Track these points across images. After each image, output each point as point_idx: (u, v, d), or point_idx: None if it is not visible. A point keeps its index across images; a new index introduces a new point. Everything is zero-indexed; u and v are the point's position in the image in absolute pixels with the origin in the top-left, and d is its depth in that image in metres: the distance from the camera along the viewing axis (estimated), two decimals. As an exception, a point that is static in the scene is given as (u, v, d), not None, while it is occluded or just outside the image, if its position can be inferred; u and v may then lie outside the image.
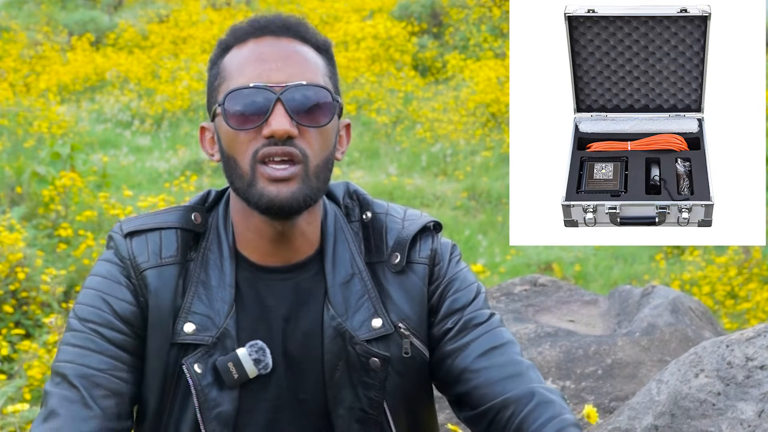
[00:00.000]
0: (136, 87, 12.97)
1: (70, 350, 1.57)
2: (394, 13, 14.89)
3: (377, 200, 1.73)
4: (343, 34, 13.97)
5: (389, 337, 1.62)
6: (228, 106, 1.53)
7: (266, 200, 1.52)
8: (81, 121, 11.84)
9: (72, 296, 5.33)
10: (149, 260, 1.59)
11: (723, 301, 6.65)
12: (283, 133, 1.50)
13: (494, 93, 11.78)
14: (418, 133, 11.55)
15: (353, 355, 1.60)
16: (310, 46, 1.59)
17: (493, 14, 14.54)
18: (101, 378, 1.55)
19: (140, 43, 15.15)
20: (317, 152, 1.54)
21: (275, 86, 1.52)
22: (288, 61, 1.55)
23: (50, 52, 14.37)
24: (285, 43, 1.57)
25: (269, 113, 1.51)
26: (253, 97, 1.52)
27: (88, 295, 1.60)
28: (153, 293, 1.58)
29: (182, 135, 11.54)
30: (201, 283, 1.60)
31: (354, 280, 1.63)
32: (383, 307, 1.63)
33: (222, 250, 1.62)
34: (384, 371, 1.61)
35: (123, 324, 1.57)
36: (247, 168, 1.53)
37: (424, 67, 14.01)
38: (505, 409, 1.58)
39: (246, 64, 1.55)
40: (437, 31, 14.73)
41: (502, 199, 9.46)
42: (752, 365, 2.00)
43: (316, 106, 1.54)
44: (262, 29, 1.58)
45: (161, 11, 16.16)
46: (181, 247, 1.61)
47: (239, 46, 1.59)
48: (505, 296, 3.54)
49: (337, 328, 1.60)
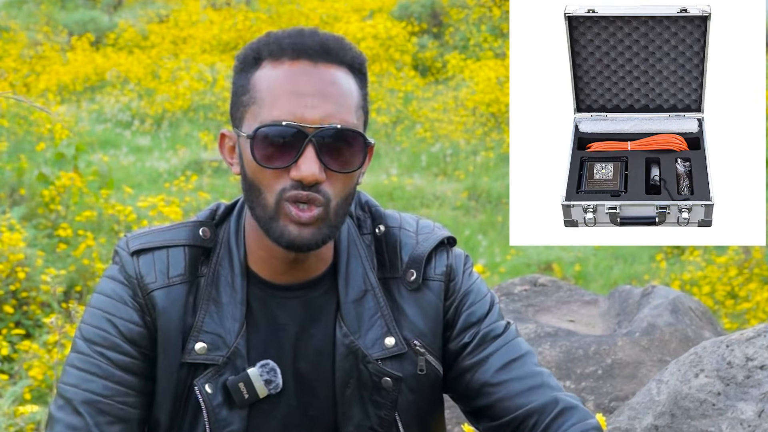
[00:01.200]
0: (136, 87, 12.98)
1: (75, 373, 1.56)
2: (394, 13, 14.89)
3: (389, 212, 1.71)
4: (343, 34, 13.96)
5: (403, 356, 1.61)
6: (258, 140, 1.49)
7: (287, 240, 1.51)
8: (81, 121, 11.84)
9: (72, 296, 5.34)
10: (157, 280, 1.57)
11: (723, 301, 6.65)
12: (312, 180, 1.47)
13: (494, 93, 11.79)
14: (418, 133, 11.55)
15: (365, 374, 1.59)
16: (346, 69, 1.54)
17: (493, 14, 14.54)
18: (106, 405, 1.54)
19: (140, 43, 15.16)
20: (340, 193, 1.52)
21: (308, 127, 1.47)
22: (323, 97, 1.49)
23: (50, 52, 14.37)
24: (322, 71, 1.51)
25: (299, 155, 1.48)
26: (284, 134, 1.48)
27: (94, 315, 1.58)
28: (161, 313, 1.56)
29: (182, 135, 11.54)
30: (212, 301, 1.58)
31: (367, 297, 1.61)
32: (396, 324, 1.61)
33: (233, 266, 1.60)
34: (396, 391, 1.60)
35: (130, 346, 1.56)
36: (272, 202, 1.50)
37: (424, 67, 14.01)
38: (529, 419, 1.57)
39: (281, 94, 1.50)
40: (437, 31, 14.73)
41: (502, 199, 9.46)
42: (752, 365, 2.00)
43: (347, 152, 1.51)
44: (299, 51, 1.51)
45: (161, 11, 16.16)
46: (189, 265, 1.59)
47: (274, 65, 1.52)
48: (505, 296, 3.54)
49: (350, 347, 1.59)
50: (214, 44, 14.68)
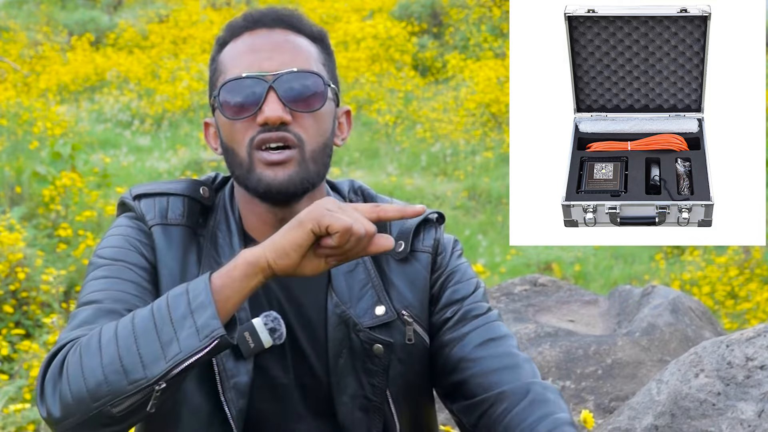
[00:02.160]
0: (136, 87, 12.98)
1: (100, 282, 1.54)
2: (394, 13, 14.89)
3: (381, 195, 1.76)
4: (343, 34, 13.98)
5: (392, 324, 1.64)
6: (223, 97, 1.58)
7: (264, 184, 1.56)
8: (81, 121, 11.84)
9: (72, 296, 5.34)
10: (155, 218, 1.62)
11: (723, 301, 6.65)
12: (276, 119, 1.54)
13: (494, 93, 11.79)
14: (418, 133, 11.55)
15: (357, 342, 1.61)
16: (303, 36, 1.63)
17: (493, 14, 14.54)
18: (137, 304, 1.51)
19: (140, 43, 15.16)
20: (313, 137, 1.58)
21: (267, 75, 1.56)
22: (280, 50, 1.59)
23: (50, 52, 14.38)
24: (278, 33, 1.62)
25: (262, 101, 1.55)
26: (246, 86, 1.56)
27: (111, 239, 1.61)
28: (160, 250, 1.60)
29: (182, 135, 11.54)
30: (212, 258, 1.61)
31: (358, 268, 1.65)
32: (387, 294, 1.64)
33: (230, 228, 1.64)
34: (387, 357, 1.62)
35: (149, 264, 1.58)
36: (245, 155, 1.57)
37: (424, 67, 14.02)
38: (499, 403, 1.59)
39: (239, 55, 1.60)
40: (437, 31, 14.74)
41: (502, 199, 9.47)
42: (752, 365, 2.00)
43: (308, 91, 1.58)
44: (256, 22, 1.63)
45: (161, 11, 16.17)
46: (187, 212, 1.64)
47: (234, 41, 1.63)
48: (505, 296, 3.54)
49: (341, 316, 1.61)
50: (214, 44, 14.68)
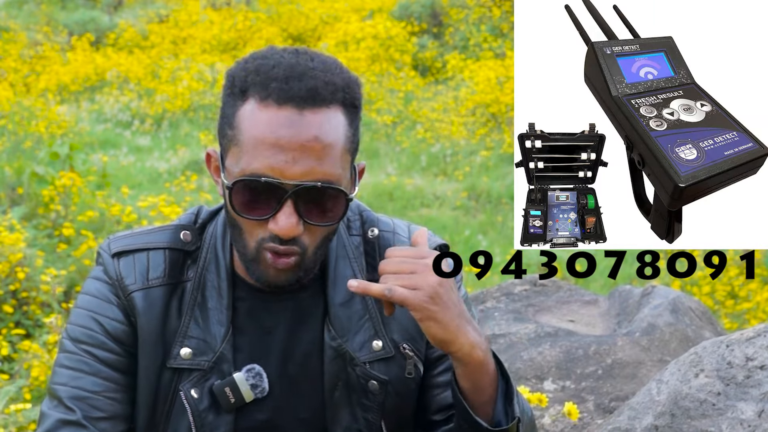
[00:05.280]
0: (136, 87, 12.98)
1: (64, 372, 1.57)
2: (394, 13, 14.89)
3: (381, 216, 1.71)
4: (343, 34, 13.98)
5: (390, 359, 1.62)
6: (236, 191, 1.48)
7: (264, 281, 1.54)
8: (81, 121, 11.84)
9: (72, 296, 5.34)
10: (136, 282, 1.58)
11: (723, 301, 6.65)
12: (289, 236, 1.48)
13: (494, 93, 11.79)
14: (418, 133, 11.55)
15: (353, 377, 1.60)
16: (336, 108, 1.48)
17: (493, 14, 14.54)
18: (96, 400, 1.55)
19: (140, 43, 15.16)
20: (316, 241, 1.53)
21: (288, 183, 1.45)
22: (306, 151, 1.45)
23: (50, 52, 14.37)
24: (308, 119, 1.45)
25: (278, 209, 1.47)
26: (264, 189, 1.46)
27: (80, 315, 1.60)
28: (140, 315, 1.58)
29: (182, 135, 11.54)
30: (198, 306, 1.59)
31: (355, 299, 1.62)
32: (384, 327, 1.63)
33: (219, 271, 1.61)
34: (382, 394, 1.60)
35: (115, 343, 1.58)
36: (252, 248, 1.52)
37: (424, 67, 14.01)
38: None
39: (261, 147, 1.45)
40: (437, 31, 14.74)
41: (502, 199, 9.46)
42: (752, 365, 2.00)
43: (326, 209, 1.50)
44: (286, 97, 1.45)
45: (161, 11, 16.17)
46: (169, 267, 1.60)
47: (259, 106, 1.46)
48: (505, 296, 3.54)
49: (338, 350, 1.60)
50: (214, 44, 14.69)
